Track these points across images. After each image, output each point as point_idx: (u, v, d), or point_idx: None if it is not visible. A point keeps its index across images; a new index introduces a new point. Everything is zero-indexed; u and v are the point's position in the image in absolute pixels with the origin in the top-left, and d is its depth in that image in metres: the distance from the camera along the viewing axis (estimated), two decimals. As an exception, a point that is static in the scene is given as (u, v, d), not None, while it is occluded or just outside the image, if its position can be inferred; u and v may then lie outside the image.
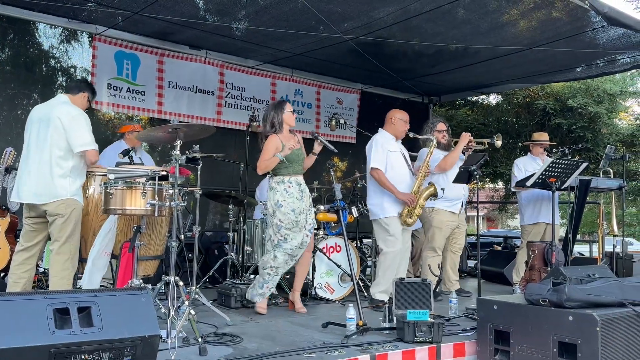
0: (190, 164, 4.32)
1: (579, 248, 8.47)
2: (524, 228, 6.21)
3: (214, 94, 7.06)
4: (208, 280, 5.78)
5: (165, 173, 3.93)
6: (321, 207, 5.57)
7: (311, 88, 7.96)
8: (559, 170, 5.03)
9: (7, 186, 4.72)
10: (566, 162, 5.07)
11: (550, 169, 5.02)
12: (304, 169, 4.82)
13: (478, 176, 5.10)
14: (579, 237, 8.25)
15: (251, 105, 7.30)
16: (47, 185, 3.97)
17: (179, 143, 3.83)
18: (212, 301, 4.58)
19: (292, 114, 4.77)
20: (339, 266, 5.40)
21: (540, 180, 5.08)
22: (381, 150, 5.12)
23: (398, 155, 5.23)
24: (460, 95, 9.55)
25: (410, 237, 5.39)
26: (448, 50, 6.44)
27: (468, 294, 5.86)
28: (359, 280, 5.56)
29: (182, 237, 3.84)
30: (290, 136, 4.75)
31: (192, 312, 3.64)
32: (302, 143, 4.82)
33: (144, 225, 3.95)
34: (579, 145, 6.94)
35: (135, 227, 3.96)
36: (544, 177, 5.05)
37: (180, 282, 3.79)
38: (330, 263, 5.39)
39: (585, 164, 5.22)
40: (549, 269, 4.75)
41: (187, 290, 3.96)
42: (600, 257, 5.98)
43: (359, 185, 6.40)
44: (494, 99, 10.51)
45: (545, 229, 6.01)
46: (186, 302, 3.68)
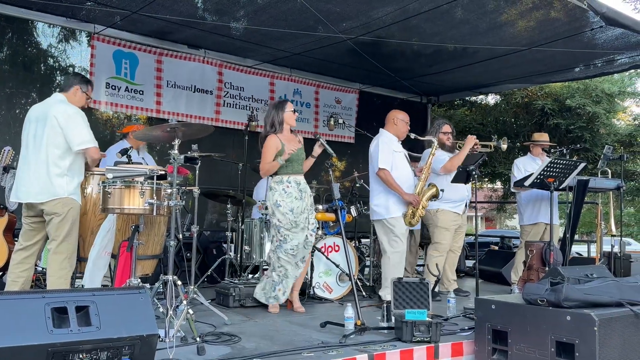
0: (188, 164, 4.32)
1: (577, 248, 8.45)
2: (524, 228, 6.21)
3: (212, 94, 7.06)
4: (206, 279, 5.78)
5: (163, 172, 3.93)
6: (319, 207, 5.57)
7: (310, 88, 7.96)
8: (557, 170, 5.04)
9: (5, 185, 4.71)
10: (564, 162, 5.08)
11: (548, 169, 5.02)
12: (303, 171, 4.81)
13: (476, 176, 5.11)
14: (577, 237, 8.27)
15: (250, 104, 7.30)
16: (44, 185, 3.96)
17: (177, 142, 3.83)
18: (210, 300, 4.58)
19: (294, 113, 4.76)
20: (337, 266, 5.40)
21: (538, 180, 5.09)
22: (387, 150, 5.14)
23: (402, 155, 5.28)
24: (459, 95, 9.55)
25: (407, 238, 5.40)
26: (447, 50, 6.44)
27: (466, 293, 5.87)
28: (357, 280, 5.56)
29: (181, 236, 3.84)
30: (291, 136, 4.74)
31: (191, 311, 3.64)
32: (303, 143, 4.81)
33: (142, 224, 3.95)
34: (577, 145, 6.95)
35: (133, 227, 3.96)
36: (542, 177, 5.05)
37: (179, 282, 3.78)
38: (329, 263, 5.39)
39: (584, 164, 5.23)
40: (547, 268, 4.77)
41: (186, 290, 3.95)
42: (598, 257, 6.00)
43: (357, 185, 6.40)
44: (492, 99, 10.52)
45: (545, 229, 6.01)
46: (184, 302, 3.67)
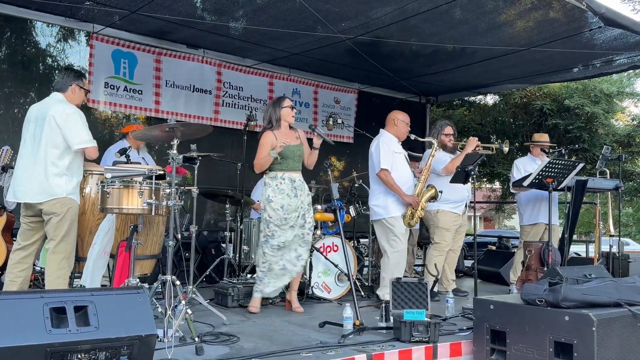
0: (187, 163, 4.32)
1: (575, 248, 8.47)
2: (523, 228, 6.22)
3: (211, 93, 7.05)
4: (205, 279, 5.77)
5: (162, 172, 3.92)
6: (318, 207, 5.58)
7: (309, 87, 7.95)
8: (555, 170, 5.04)
9: (3, 185, 4.70)
10: (563, 162, 5.08)
11: (546, 169, 5.03)
12: (310, 165, 4.79)
13: (475, 176, 5.11)
14: (575, 237, 8.27)
15: (248, 104, 7.29)
16: (42, 184, 3.95)
17: (176, 142, 3.82)
18: (208, 300, 4.57)
19: (291, 109, 4.72)
20: (336, 266, 5.40)
21: (537, 181, 5.09)
22: (388, 151, 5.15)
23: (402, 156, 5.29)
24: (458, 95, 9.55)
25: (407, 238, 5.40)
26: (445, 50, 6.44)
27: (465, 293, 5.87)
28: (356, 280, 5.56)
29: (179, 236, 3.84)
30: (289, 132, 4.71)
31: (189, 311, 3.64)
32: (304, 139, 4.77)
33: (140, 224, 3.94)
34: (576, 145, 6.95)
35: (132, 226, 3.95)
36: (540, 177, 5.05)
37: (177, 282, 3.78)
38: (328, 262, 5.39)
39: (582, 164, 5.23)
40: (546, 269, 4.77)
41: (184, 290, 3.95)
42: (597, 257, 6.01)
43: (356, 185, 6.40)
44: (491, 99, 10.53)
45: (545, 229, 6.01)
46: (183, 302, 3.67)
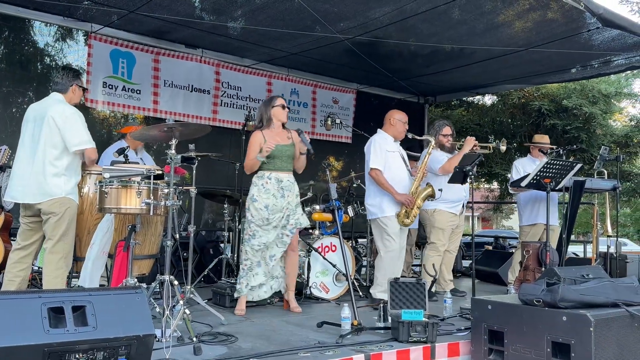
0: (185, 163, 4.32)
1: (573, 248, 8.48)
2: (522, 229, 6.22)
3: (209, 93, 7.05)
4: (203, 279, 5.77)
5: (160, 172, 3.92)
6: (317, 207, 5.57)
7: (307, 88, 7.95)
8: (553, 171, 5.05)
9: (1, 184, 4.69)
10: (561, 162, 5.09)
11: (544, 169, 5.03)
12: (298, 169, 4.76)
13: (473, 176, 5.11)
14: (573, 237, 8.28)
15: (247, 104, 7.28)
16: (40, 184, 3.95)
17: (174, 142, 3.82)
18: (206, 300, 4.57)
19: (283, 108, 4.65)
20: (334, 266, 5.40)
21: (534, 181, 5.10)
22: (380, 150, 5.13)
23: (396, 155, 5.24)
24: (456, 95, 9.56)
25: (405, 237, 5.40)
26: (444, 50, 6.44)
27: (462, 293, 5.88)
28: (354, 280, 5.56)
29: (177, 236, 3.83)
30: (281, 132, 4.66)
31: (187, 311, 3.64)
32: (296, 140, 4.70)
33: (138, 224, 3.95)
34: (574, 146, 6.96)
35: (130, 226, 3.95)
36: (538, 177, 5.06)
37: (175, 281, 3.78)
38: (326, 262, 5.39)
39: (580, 164, 5.24)
40: (543, 269, 4.78)
41: (182, 290, 3.95)
42: (595, 257, 6.01)
43: (354, 185, 6.40)
44: (489, 99, 10.54)
45: (544, 230, 6.01)
46: (181, 302, 3.67)
